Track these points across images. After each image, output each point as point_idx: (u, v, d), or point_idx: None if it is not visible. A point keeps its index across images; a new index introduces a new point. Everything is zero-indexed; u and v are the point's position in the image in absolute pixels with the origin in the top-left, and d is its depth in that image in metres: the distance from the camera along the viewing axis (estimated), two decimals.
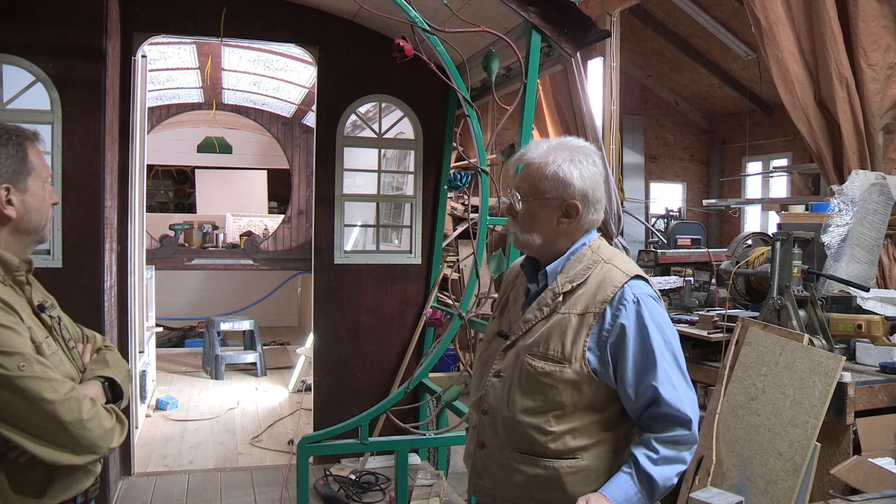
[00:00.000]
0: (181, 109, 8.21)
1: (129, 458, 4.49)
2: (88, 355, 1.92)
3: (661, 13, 10.76)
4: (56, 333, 1.81)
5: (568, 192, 1.82)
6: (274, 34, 4.66)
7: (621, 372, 1.77)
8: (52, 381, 1.62)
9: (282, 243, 8.85)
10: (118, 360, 1.95)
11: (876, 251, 4.17)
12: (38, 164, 1.77)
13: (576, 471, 1.79)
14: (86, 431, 1.64)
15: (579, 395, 1.79)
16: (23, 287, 1.78)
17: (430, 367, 4.12)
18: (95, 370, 1.86)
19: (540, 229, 1.86)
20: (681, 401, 1.75)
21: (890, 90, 4.34)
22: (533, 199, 1.84)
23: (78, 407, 1.64)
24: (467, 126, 3.49)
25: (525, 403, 1.81)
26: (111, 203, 4.14)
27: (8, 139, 1.72)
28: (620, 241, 6.87)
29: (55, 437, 1.62)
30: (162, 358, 7.57)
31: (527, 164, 1.87)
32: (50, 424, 1.60)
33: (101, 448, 1.69)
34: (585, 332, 1.79)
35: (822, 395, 2.90)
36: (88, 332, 2.01)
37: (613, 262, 1.86)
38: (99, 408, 1.70)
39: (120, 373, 1.89)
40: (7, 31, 3.74)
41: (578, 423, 1.80)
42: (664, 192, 12.92)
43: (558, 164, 1.81)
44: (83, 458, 1.66)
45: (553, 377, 1.78)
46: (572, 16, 3.59)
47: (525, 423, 1.81)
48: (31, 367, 1.60)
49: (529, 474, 1.82)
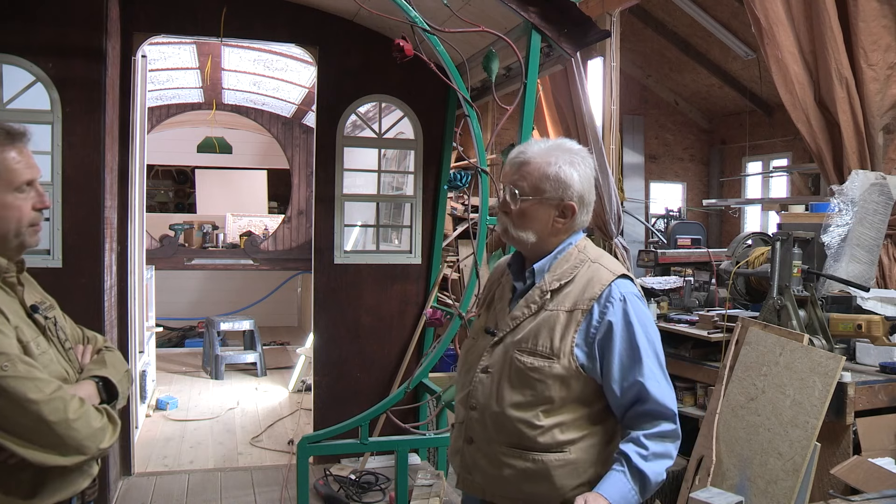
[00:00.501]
0: (181, 109, 8.21)
1: (129, 458, 4.49)
2: (88, 356, 1.90)
3: (661, 13, 10.75)
4: (50, 334, 1.79)
5: (567, 193, 1.86)
6: (274, 34, 4.66)
7: (607, 368, 1.81)
8: (37, 381, 1.60)
9: (282, 243, 8.85)
10: (117, 361, 1.93)
11: (876, 251, 4.17)
12: (3, 171, 1.70)
13: (564, 464, 1.82)
14: (72, 431, 1.61)
15: (567, 389, 1.83)
16: (14, 288, 1.76)
17: (430, 367, 4.12)
18: (92, 370, 1.84)
19: (535, 227, 1.89)
20: (665, 396, 1.81)
21: (890, 90, 4.34)
22: (532, 198, 1.87)
23: (63, 406, 1.61)
24: (467, 126, 3.49)
25: (514, 398, 1.84)
26: (111, 203, 4.14)
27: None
28: (620, 241, 6.86)
29: (40, 437, 1.59)
30: (162, 358, 7.57)
31: (525, 162, 1.89)
32: (34, 424, 1.58)
33: (90, 448, 1.65)
34: (573, 329, 1.83)
35: (822, 395, 2.90)
36: (90, 334, 1.99)
37: (600, 261, 1.91)
38: (88, 407, 1.68)
39: (118, 373, 1.87)
40: (7, 31, 3.74)
41: (566, 418, 1.83)
42: (664, 192, 12.91)
43: (559, 165, 1.85)
44: (70, 458, 1.63)
45: (542, 372, 1.82)
46: (572, 16, 3.59)
47: (514, 417, 1.84)
48: (15, 367, 1.58)
49: (518, 468, 1.84)
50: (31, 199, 1.75)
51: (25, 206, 1.74)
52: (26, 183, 1.73)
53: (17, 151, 1.72)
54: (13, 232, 1.73)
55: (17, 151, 1.72)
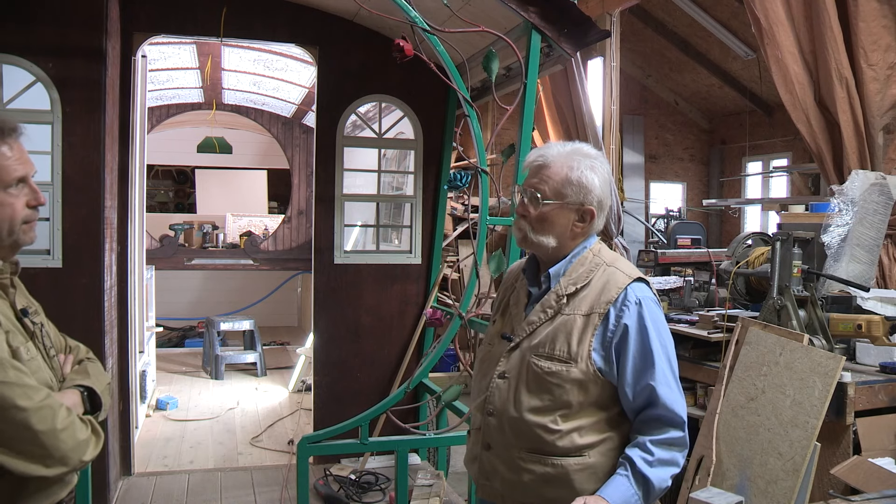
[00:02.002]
0: (181, 109, 8.21)
1: (129, 458, 4.49)
2: (69, 366, 1.84)
3: (661, 13, 10.75)
4: (38, 340, 1.75)
5: (588, 198, 1.87)
6: (274, 34, 4.66)
7: (621, 371, 1.82)
8: (27, 388, 1.55)
9: (282, 243, 8.85)
10: (99, 372, 1.88)
11: (876, 251, 4.17)
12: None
13: (583, 468, 1.82)
14: (58, 442, 1.57)
15: (585, 394, 1.83)
16: (6, 290, 1.73)
17: (430, 367, 4.12)
18: (75, 380, 1.79)
19: (555, 231, 1.89)
20: (676, 402, 1.80)
21: (890, 90, 4.33)
22: (554, 202, 1.87)
23: (52, 416, 1.56)
24: (467, 126, 3.48)
25: (532, 403, 1.84)
26: (111, 203, 4.14)
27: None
28: (620, 241, 6.86)
29: (25, 445, 1.54)
30: (162, 358, 7.57)
31: (546, 165, 1.89)
32: (20, 433, 1.53)
33: (72, 460, 1.61)
34: (591, 333, 1.83)
35: (822, 395, 2.90)
36: (72, 343, 1.95)
37: (616, 265, 1.91)
38: (74, 417, 1.63)
39: (100, 384, 1.82)
40: (7, 31, 3.74)
41: (585, 422, 1.83)
42: (664, 192, 12.92)
43: (582, 170, 1.87)
44: (53, 470, 1.58)
45: (560, 376, 1.82)
46: (572, 16, 3.59)
47: (532, 422, 1.84)
48: (6, 373, 1.53)
49: (538, 473, 1.84)
50: (25, 195, 1.71)
51: (18, 204, 1.69)
52: (18, 179, 1.69)
53: (7, 147, 1.68)
54: (6, 230, 1.68)
55: (7, 147, 1.68)
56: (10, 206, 1.68)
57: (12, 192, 1.68)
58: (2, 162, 1.66)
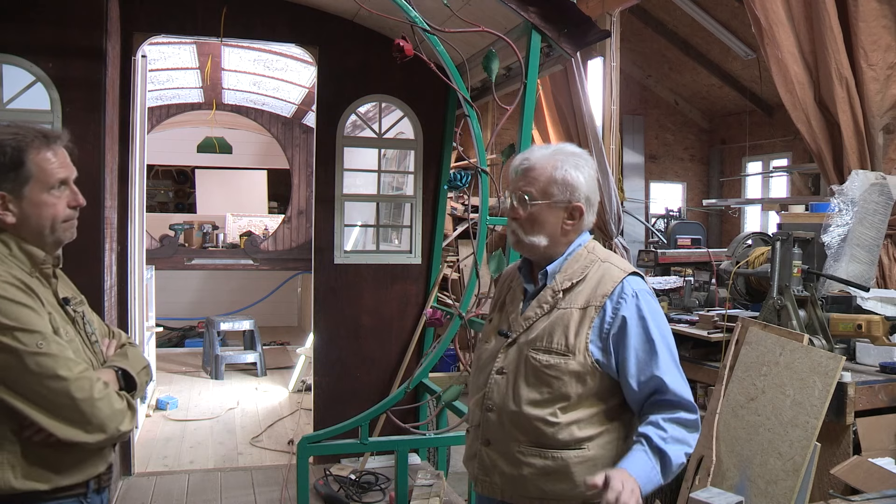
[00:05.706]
0: (181, 109, 8.21)
1: (129, 458, 4.49)
2: (112, 350, 2.00)
3: (661, 13, 10.76)
4: (78, 327, 1.88)
5: (574, 195, 1.91)
6: (274, 34, 4.66)
7: (623, 363, 1.84)
8: (68, 360, 1.70)
9: (282, 243, 8.85)
10: (137, 355, 2.03)
11: (876, 251, 4.17)
12: (38, 171, 1.78)
13: (583, 461, 1.84)
14: (96, 409, 1.71)
15: (583, 386, 1.85)
16: (49, 280, 1.88)
17: (430, 367, 4.12)
18: (114, 361, 1.95)
19: (546, 231, 1.93)
20: (682, 388, 1.84)
21: (890, 90, 4.33)
22: (541, 202, 1.91)
23: (89, 386, 1.71)
24: (467, 126, 3.49)
25: (531, 396, 1.87)
26: (111, 203, 4.14)
27: (3, 150, 1.75)
28: (620, 241, 6.86)
29: (66, 412, 1.68)
30: (162, 358, 7.57)
31: (531, 168, 1.93)
32: (62, 400, 1.68)
33: (110, 428, 1.74)
34: (587, 325, 1.86)
35: (822, 395, 2.90)
36: (115, 330, 2.12)
37: (610, 260, 1.96)
38: (110, 390, 1.78)
39: (137, 366, 1.97)
40: (7, 31, 3.74)
41: (583, 414, 1.86)
42: (664, 192, 12.92)
43: (566, 168, 1.90)
44: (93, 436, 1.72)
45: (558, 369, 1.85)
46: (572, 16, 3.59)
47: (531, 415, 1.86)
48: (49, 346, 1.68)
49: (538, 466, 1.86)
50: (66, 197, 1.86)
51: (60, 204, 1.84)
52: (60, 182, 1.83)
53: (52, 152, 1.82)
54: (48, 228, 1.84)
55: (52, 152, 1.82)
56: (53, 206, 1.83)
57: (55, 194, 1.83)
58: (46, 166, 1.81)
